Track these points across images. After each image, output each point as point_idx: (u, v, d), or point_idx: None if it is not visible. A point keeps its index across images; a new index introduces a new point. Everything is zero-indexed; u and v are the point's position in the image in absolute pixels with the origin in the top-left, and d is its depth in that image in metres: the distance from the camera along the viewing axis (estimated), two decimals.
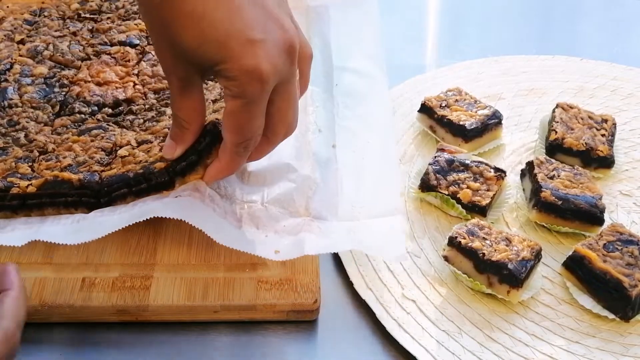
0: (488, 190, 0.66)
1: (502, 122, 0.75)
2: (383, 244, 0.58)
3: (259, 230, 0.58)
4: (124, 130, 0.65)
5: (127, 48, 0.75)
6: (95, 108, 0.67)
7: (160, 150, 0.59)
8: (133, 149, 0.62)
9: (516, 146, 0.76)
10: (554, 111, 0.75)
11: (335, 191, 0.63)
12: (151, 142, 0.62)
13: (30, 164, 0.61)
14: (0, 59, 0.73)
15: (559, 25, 1.00)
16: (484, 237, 0.60)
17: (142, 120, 0.66)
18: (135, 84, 0.70)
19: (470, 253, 0.59)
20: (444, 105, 0.75)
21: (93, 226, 0.56)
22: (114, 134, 0.64)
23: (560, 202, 0.64)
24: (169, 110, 0.66)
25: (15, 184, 0.58)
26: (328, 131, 0.69)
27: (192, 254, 0.60)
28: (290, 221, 0.59)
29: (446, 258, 0.61)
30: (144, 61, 0.73)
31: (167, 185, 0.58)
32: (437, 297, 0.60)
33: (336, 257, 0.63)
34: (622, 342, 0.58)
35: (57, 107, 0.67)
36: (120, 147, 0.62)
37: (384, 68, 0.76)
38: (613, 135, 0.74)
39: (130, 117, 0.66)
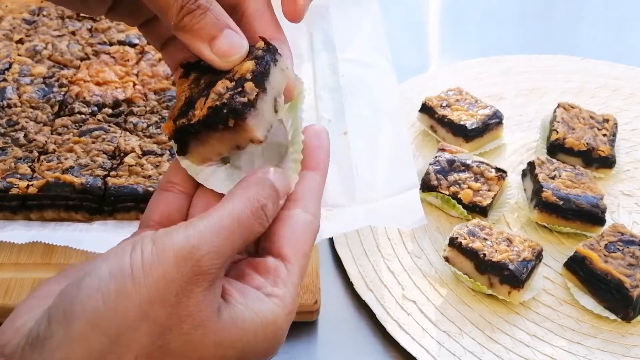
0: (489, 190, 0.66)
1: (503, 121, 0.75)
2: (400, 215, 0.58)
3: None
4: (127, 133, 0.65)
5: (127, 47, 0.75)
6: (95, 108, 0.67)
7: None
8: (140, 157, 0.62)
9: (517, 146, 0.76)
10: (555, 111, 0.75)
11: (351, 177, 0.63)
12: (159, 155, 0.62)
13: (30, 164, 0.61)
14: None
15: (560, 25, 1.00)
16: (484, 238, 0.60)
17: (145, 125, 0.65)
18: (135, 84, 0.70)
19: (471, 253, 0.59)
20: (444, 105, 0.74)
21: (97, 240, 0.57)
22: (116, 136, 0.64)
23: (561, 202, 0.64)
24: None
25: (15, 184, 0.58)
26: (338, 120, 0.70)
27: None
28: None
29: (447, 259, 0.61)
30: (143, 61, 0.73)
31: None
32: (438, 297, 0.60)
33: (336, 258, 0.63)
34: (623, 343, 0.57)
35: (57, 107, 0.67)
36: (125, 153, 0.62)
37: (389, 58, 0.76)
38: (614, 135, 0.74)
39: (133, 119, 0.66)
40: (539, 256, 0.60)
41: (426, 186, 0.67)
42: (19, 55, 0.73)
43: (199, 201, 0.39)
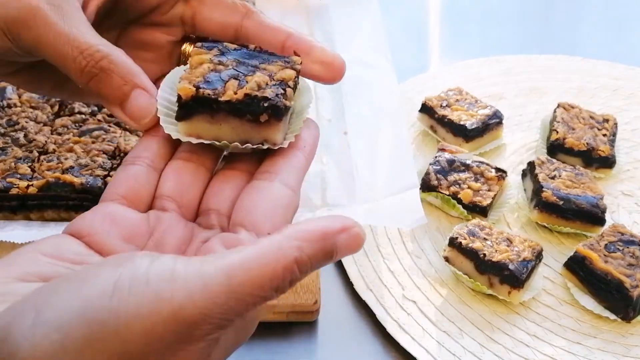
0: (489, 190, 0.66)
1: (503, 121, 0.75)
2: (400, 214, 0.58)
3: None
4: (127, 133, 0.65)
5: None
6: (95, 108, 0.67)
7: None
8: None
9: (517, 146, 0.76)
10: (555, 111, 0.75)
11: (352, 177, 0.63)
12: None
13: (30, 164, 0.61)
14: None
15: (560, 24, 1.00)
16: (484, 238, 0.60)
17: None
18: None
19: (471, 254, 0.59)
20: (444, 105, 0.74)
21: None
22: (116, 136, 0.64)
23: (561, 202, 0.64)
24: None
25: (15, 184, 0.58)
26: (338, 120, 0.70)
27: None
28: (308, 216, 0.59)
29: (447, 259, 0.61)
30: None
31: None
32: (438, 298, 0.60)
33: None
34: (623, 343, 0.57)
35: (57, 107, 0.67)
36: (125, 153, 0.62)
37: (389, 58, 0.76)
38: (614, 135, 0.74)
39: None
40: (539, 256, 0.60)
41: (426, 186, 0.67)
42: None
43: (170, 177, 0.36)
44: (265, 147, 0.36)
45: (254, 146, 0.36)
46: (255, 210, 0.33)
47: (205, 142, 0.36)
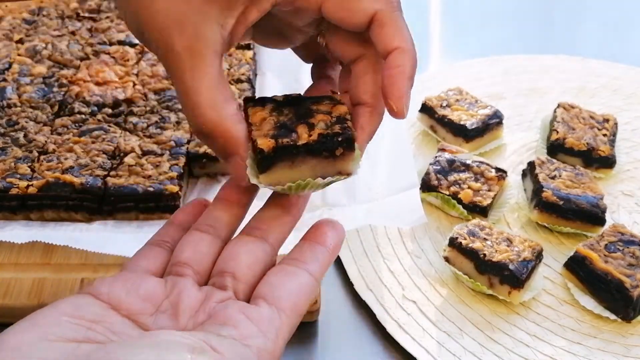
0: (489, 190, 0.66)
1: (503, 121, 0.75)
2: (400, 214, 0.59)
3: None
4: (127, 133, 0.65)
5: (126, 47, 0.75)
6: (95, 108, 0.67)
7: (171, 167, 0.60)
8: (140, 157, 0.62)
9: (517, 146, 0.76)
10: (555, 111, 0.75)
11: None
12: (159, 155, 0.62)
13: (29, 164, 0.61)
14: None
15: (560, 24, 1.00)
16: (484, 238, 0.60)
17: (145, 125, 0.65)
18: (134, 84, 0.70)
19: (471, 254, 0.59)
20: (444, 105, 0.74)
21: (96, 240, 0.57)
22: (116, 136, 0.64)
23: (561, 202, 0.64)
24: (172, 116, 0.66)
25: (15, 184, 0.58)
26: None
27: None
28: (307, 215, 0.59)
29: (447, 259, 0.61)
30: (143, 61, 0.73)
31: (174, 209, 0.58)
32: (438, 298, 0.60)
33: (336, 258, 0.63)
34: (623, 343, 0.57)
35: (57, 107, 0.67)
36: (125, 153, 0.62)
37: None
38: (614, 135, 0.74)
39: (133, 118, 0.66)
40: (539, 256, 0.60)
41: (426, 186, 0.67)
42: (19, 55, 0.73)
43: (188, 248, 0.39)
44: (342, 178, 0.40)
45: (333, 178, 0.40)
46: (281, 287, 0.36)
47: (285, 187, 0.39)
